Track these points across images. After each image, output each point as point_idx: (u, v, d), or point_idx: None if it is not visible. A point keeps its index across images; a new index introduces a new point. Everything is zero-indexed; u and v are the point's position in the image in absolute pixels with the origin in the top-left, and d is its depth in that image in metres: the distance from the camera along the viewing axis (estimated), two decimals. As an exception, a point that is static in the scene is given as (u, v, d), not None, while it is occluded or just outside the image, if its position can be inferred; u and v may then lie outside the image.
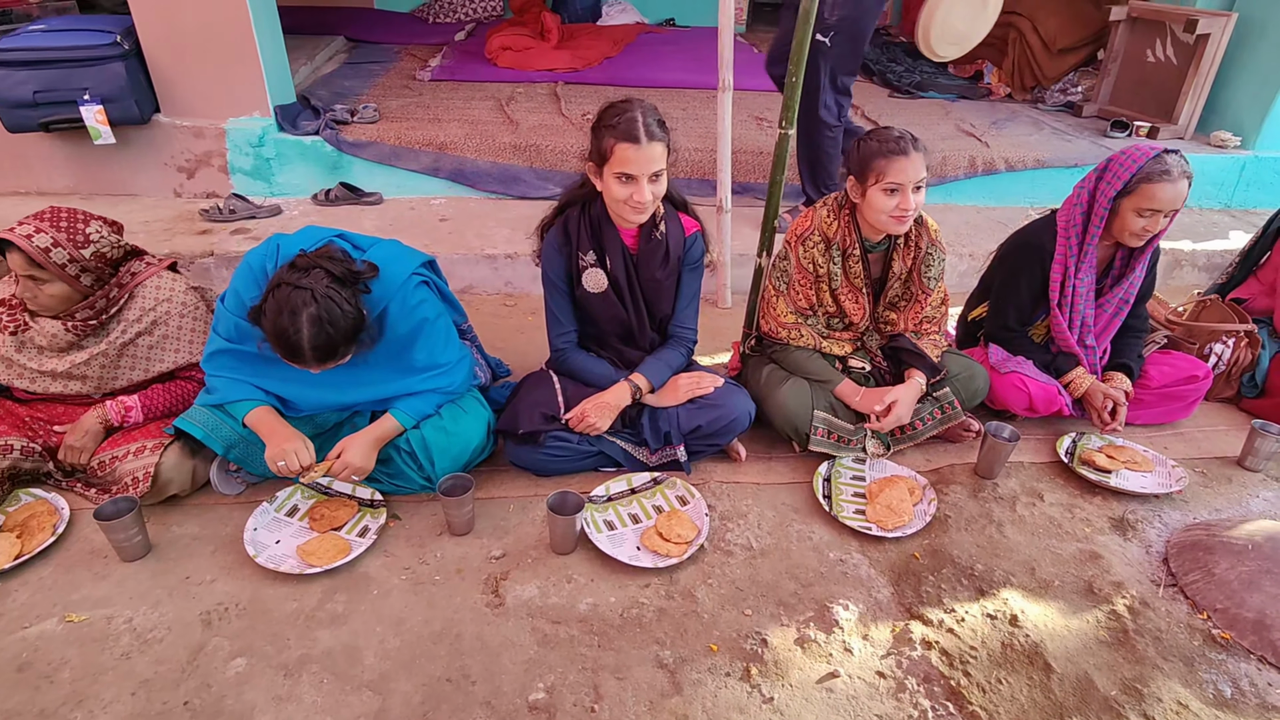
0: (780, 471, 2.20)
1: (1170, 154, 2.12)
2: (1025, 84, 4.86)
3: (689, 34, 6.20)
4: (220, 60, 3.28)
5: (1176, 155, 2.13)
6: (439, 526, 1.96)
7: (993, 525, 2.02)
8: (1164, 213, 2.12)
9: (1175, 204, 2.10)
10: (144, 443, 1.96)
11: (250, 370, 1.91)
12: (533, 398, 2.10)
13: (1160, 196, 2.09)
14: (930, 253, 2.18)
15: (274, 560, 1.80)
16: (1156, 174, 2.10)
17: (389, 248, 1.97)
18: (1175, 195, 2.09)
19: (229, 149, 3.42)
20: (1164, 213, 2.12)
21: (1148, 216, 2.13)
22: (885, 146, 1.97)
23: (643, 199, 1.86)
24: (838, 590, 1.80)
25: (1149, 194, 2.10)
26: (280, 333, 1.65)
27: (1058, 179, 3.96)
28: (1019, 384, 2.27)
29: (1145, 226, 2.14)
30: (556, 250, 2.05)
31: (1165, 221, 2.14)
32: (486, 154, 3.57)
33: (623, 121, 1.83)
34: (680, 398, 2.11)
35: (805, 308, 2.21)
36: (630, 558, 1.84)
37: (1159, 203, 2.10)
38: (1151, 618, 1.75)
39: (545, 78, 4.62)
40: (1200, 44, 3.98)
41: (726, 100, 2.89)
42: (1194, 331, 2.64)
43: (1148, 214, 2.13)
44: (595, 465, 2.14)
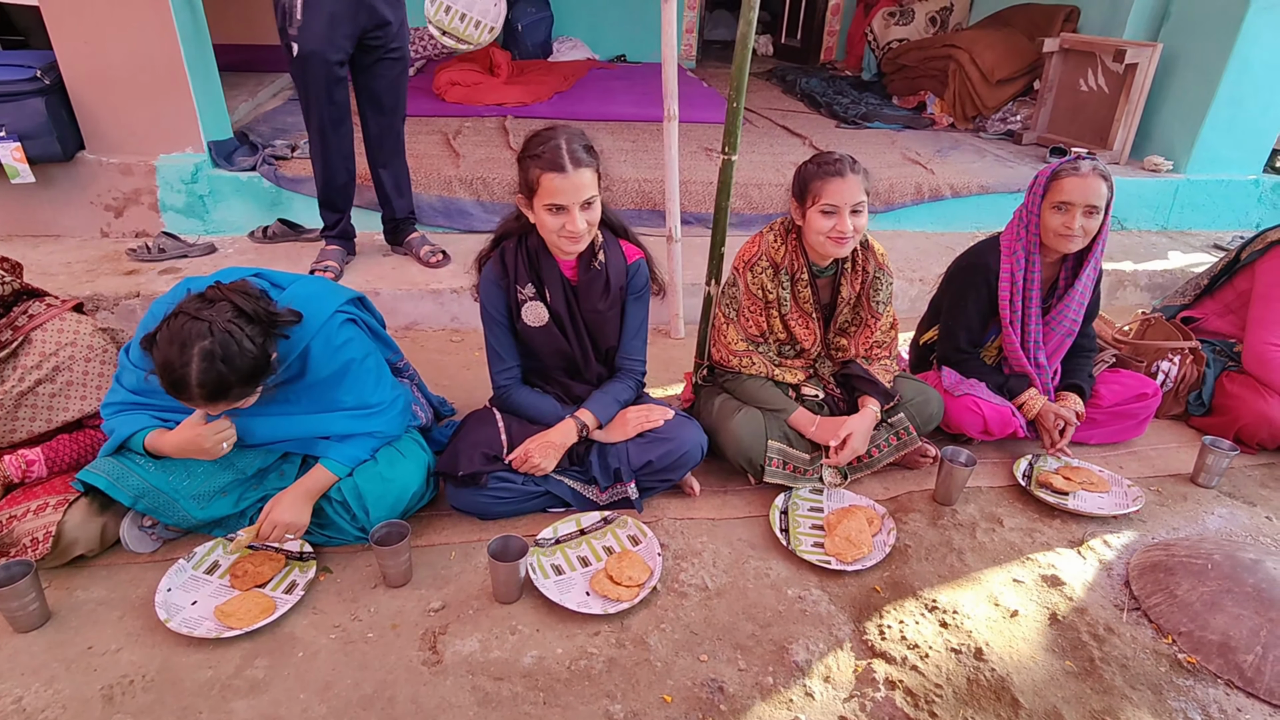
0: (736, 505, 2.12)
1: (1084, 157, 2.18)
2: (967, 114, 4.98)
3: (640, 70, 6.25)
4: (150, 95, 3.16)
5: (1090, 157, 2.19)
6: (374, 578, 1.82)
7: (954, 553, 1.96)
8: (1079, 207, 2.12)
9: (1088, 198, 2.11)
10: (46, 499, 1.79)
11: (156, 413, 1.77)
12: (474, 437, 1.99)
13: (1069, 189, 2.13)
14: (878, 277, 2.15)
15: (189, 624, 1.64)
16: (1065, 170, 2.17)
17: (311, 285, 1.86)
18: (1085, 188, 2.11)
19: (159, 186, 3.27)
20: (1079, 207, 2.12)
21: (1064, 211, 2.15)
22: (822, 169, 1.95)
23: (576, 229, 1.79)
24: (797, 630, 1.71)
25: (1059, 188, 2.15)
26: (166, 364, 1.51)
27: (1001, 204, 4.02)
28: (973, 406, 2.24)
29: (1064, 223, 2.15)
30: (494, 283, 1.97)
31: (1086, 220, 2.13)
32: (432, 188, 3.49)
33: (547, 150, 1.76)
34: (629, 432, 2.02)
35: (756, 335, 2.16)
36: (579, 604, 1.73)
37: (1069, 195, 2.13)
38: (1117, 644, 1.70)
39: (494, 112, 4.58)
40: (1129, 73, 4.12)
41: (672, 130, 2.87)
42: (1140, 350, 2.65)
43: (1063, 208, 2.15)
44: (542, 506, 2.03)
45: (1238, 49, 3.94)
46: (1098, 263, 2.26)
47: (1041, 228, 2.22)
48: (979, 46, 4.82)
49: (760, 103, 5.49)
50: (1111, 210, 2.20)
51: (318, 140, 2.90)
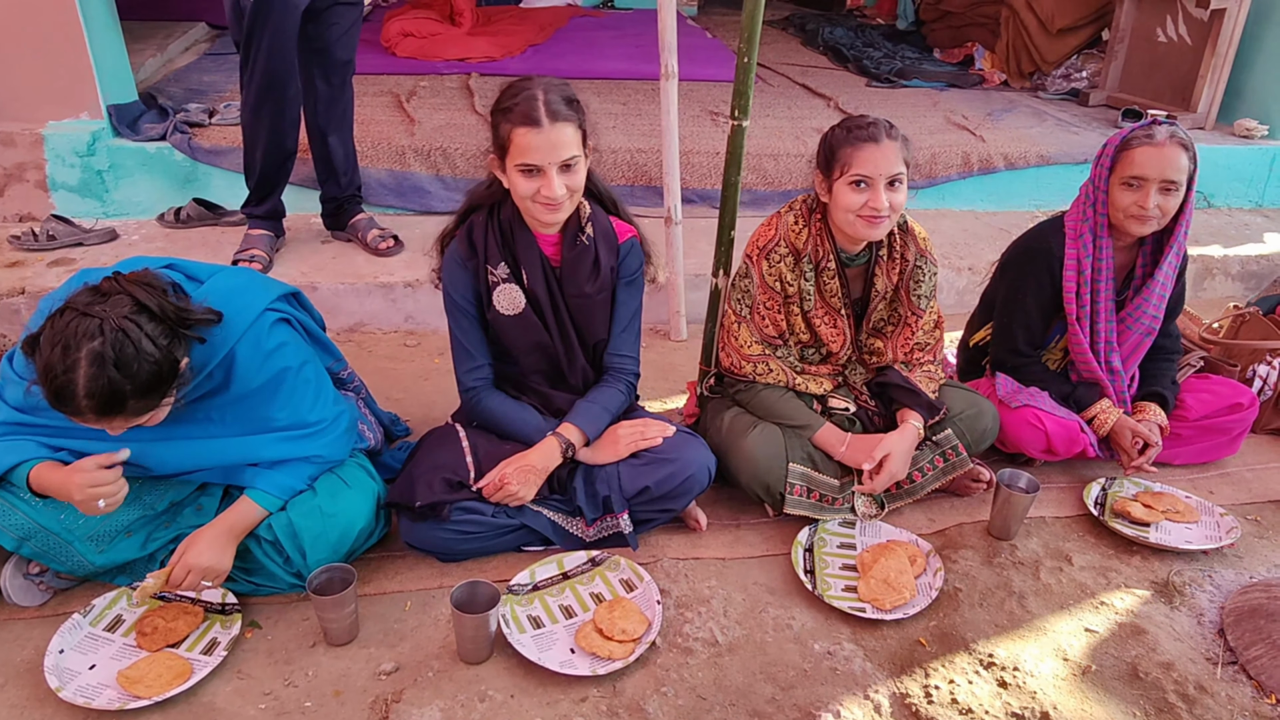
0: (751, 542, 2.12)
1: (1161, 123, 2.20)
2: (1023, 69, 5.03)
3: (631, 17, 6.30)
4: (35, 50, 3.17)
5: (1169, 123, 2.20)
6: (312, 635, 1.82)
7: (1013, 598, 1.97)
8: (1153, 182, 2.14)
9: (1164, 171, 2.13)
10: (-89, 543, 1.78)
11: (47, 437, 1.75)
12: (433, 460, 1.99)
13: (1141, 161, 2.15)
14: (920, 266, 2.16)
15: (85, 694, 1.63)
16: (1138, 138, 2.18)
17: (235, 277, 1.86)
18: (1160, 159, 2.13)
19: (48, 160, 3.27)
20: (1153, 182, 2.14)
21: (1135, 187, 2.17)
22: (853, 135, 1.97)
23: (552, 193, 1.80)
24: (825, 692, 1.71)
25: (1129, 160, 2.18)
26: (48, 370, 1.48)
27: (1065, 177, 4.06)
28: (1034, 420, 2.25)
29: (1136, 201, 2.17)
30: (460, 265, 1.98)
31: (1162, 198, 2.15)
32: (381, 161, 3.50)
33: (520, 102, 1.78)
34: (621, 451, 2.03)
35: (773, 336, 2.16)
36: (562, 664, 1.72)
37: (1140, 168, 2.15)
38: (1210, 705, 1.71)
39: (456, 69, 4.61)
40: (1215, 21, 4.16)
41: (671, 90, 2.89)
42: (1233, 351, 2.68)
43: (1135, 184, 2.17)
44: (517, 544, 2.03)
45: (1345, -9, 3.99)
46: (1181, 247, 2.28)
47: (1110, 206, 2.24)
48: (1036, -11, 4.87)
49: (776, 57, 5.53)
50: (1195, 185, 2.21)
51: (264, 101, 2.87)
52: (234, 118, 3.55)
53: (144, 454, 1.78)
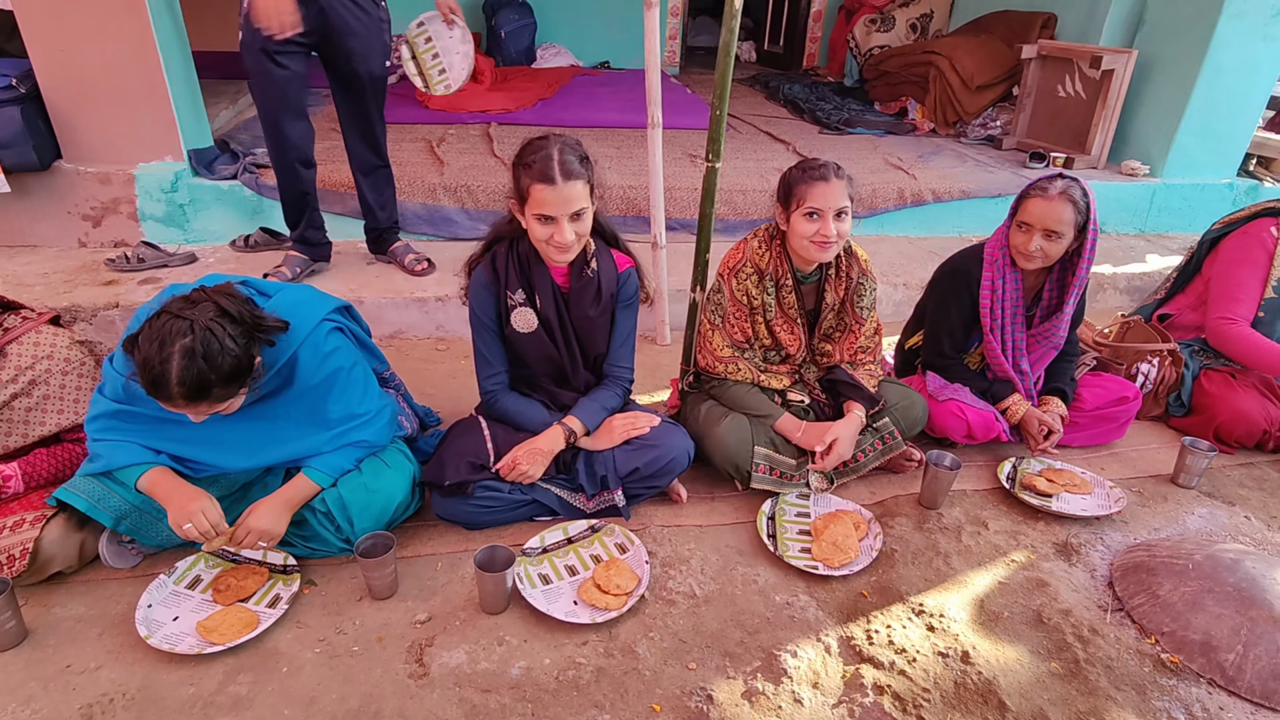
0: (723, 512, 2.12)
1: (1064, 178, 2.16)
2: (948, 119, 5.03)
3: (623, 76, 6.27)
4: (128, 104, 3.12)
5: (1069, 180, 2.15)
6: (359, 591, 1.80)
7: (939, 557, 1.97)
8: (1037, 229, 2.13)
9: (1046, 221, 2.11)
10: (23, 515, 1.76)
11: (143, 432, 1.74)
12: (460, 446, 1.98)
13: (1032, 210, 2.14)
14: (862, 282, 2.16)
15: (170, 640, 1.62)
16: (1035, 189, 2.17)
17: (297, 293, 1.85)
18: (1046, 211, 2.11)
19: (138, 195, 3.23)
20: (1037, 229, 2.13)
21: (1024, 230, 2.17)
22: (807, 174, 1.97)
23: (564, 239, 1.79)
24: (785, 636, 1.71)
25: (1025, 207, 2.18)
26: (146, 362, 1.49)
27: (982, 209, 4.06)
28: (957, 411, 2.26)
29: (1022, 242, 2.17)
30: (484, 288, 1.96)
31: (1045, 243, 2.12)
32: (416, 195, 3.47)
33: (538, 160, 1.76)
34: (616, 439, 2.02)
35: (741, 341, 2.16)
36: (566, 614, 1.72)
37: (1031, 216, 2.14)
38: (1101, 645, 1.71)
39: (478, 119, 4.57)
40: (1105, 79, 4.18)
41: (656, 136, 2.88)
42: (1120, 352, 2.68)
43: (1023, 227, 2.17)
44: (529, 515, 2.02)
45: (1210, 55, 4.01)
46: (1083, 283, 2.26)
47: (1009, 242, 2.24)
48: (959, 53, 4.87)
49: (744, 109, 5.51)
50: (1095, 230, 2.16)
51: (270, 143, 2.82)
52: (293, 160, 3.52)
53: (224, 441, 1.77)
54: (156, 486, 1.71)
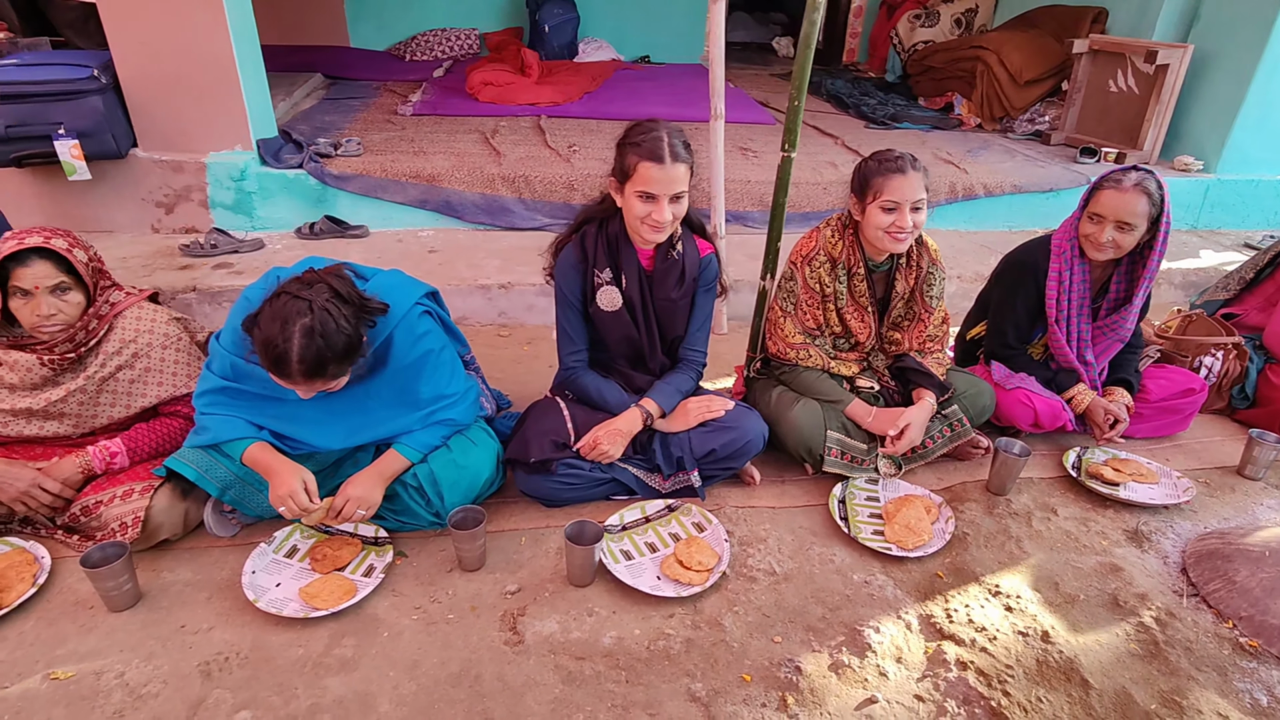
0: (794, 494, 2.16)
1: (1138, 170, 2.17)
2: (994, 114, 5.02)
3: (664, 70, 6.31)
4: (201, 94, 3.23)
5: (1143, 173, 2.16)
6: (448, 563, 1.88)
7: (1011, 541, 2.00)
8: (1110, 220, 2.14)
9: (1119, 213, 2.12)
10: (131, 485, 1.85)
11: (247, 408, 1.83)
12: (542, 425, 2.04)
13: (1105, 202, 2.15)
14: (931, 272, 2.20)
15: (275, 604, 1.70)
16: (1108, 181, 2.17)
17: (392, 277, 1.92)
18: (1119, 203, 2.12)
19: (210, 183, 3.34)
20: (1110, 220, 2.14)
21: (1095, 222, 2.18)
22: (884, 166, 2.00)
23: (661, 218, 1.84)
24: (865, 613, 1.76)
25: (1097, 200, 2.18)
26: (269, 341, 1.56)
27: (1032, 203, 4.06)
28: (1024, 400, 2.28)
29: (1093, 233, 2.18)
30: (572, 267, 2.02)
31: (1118, 234, 2.14)
32: (474, 186, 3.54)
33: (648, 140, 1.82)
34: (690, 422, 2.07)
35: (813, 328, 2.20)
36: (651, 587, 1.78)
37: (1104, 208, 2.15)
38: (1179, 628, 1.74)
39: (528, 112, 4.64)
40: (1160, 74, 4.15)
41: (719, 128, 2.92)
42: (1183, 345, 2.69)
43: (1095, 219, 2.18)
44: (607, 494, 2.08)
45: (1269, 50, 3.97)
46: (1154, 275, 2.26)
47: (1079, 233, 2.26)
48: (1007, 48, 4.86)
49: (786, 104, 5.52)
50: (1168, 223, 2.17)
51: None
52: (355, 150, 3.61)
53: (322, 419, 1.85)
54: (259, 461, 1.79)
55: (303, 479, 1.76)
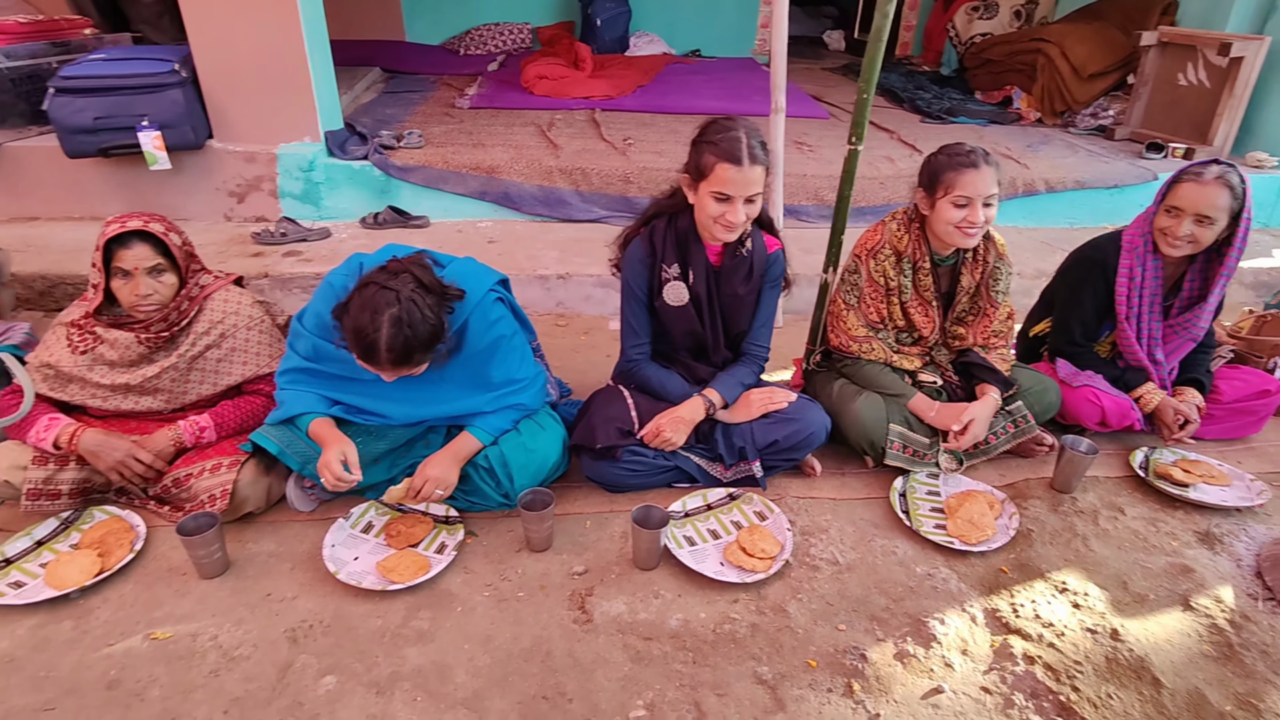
0: (854, 487, 2.17)
1: (1219, 164, 2.12)
2: (1055, 108, 4.91)
3: (715, 64, 6.30)
4: (274, 87, 3.34)
5: (1224, 165, 2.12)
6: (517, 543, 1.93)
7: (1078, 539, 1.99)
8: (1188, 214, 2.09)
9: (1198, 206, 2.08)
10: (219, 460, 1.95)
11: (325, 386, 1.91)
12: (606, 413, 2.08)
13: (1184, 195, 2.11)
14: (998, 267, 2.18)
15: (354, 577, 1.78)
16: (1188, 174, 2.13)
17: (466, 265, 1.97)
18: (1199, 196, 2.08)
19: (279, 174, 3.46)
20: (1188, 214, 2.09)
21: (1173, 216, 2.13)
22: (955, 160, 1.99)
23: (735, 220, 1.85)
24: (930, 605, 1.76)
25: (1176, 192, 2.14)
26: (359, 330, 1.63)
27: (1096, 199, 3.98)
28: (1092, 398, 2.25)
29: (1170, 227, 2.14)
30: (640, 261, 2.04)
31: (1197, 229, 2.09)
32: (533, 178, 3.61)
33: (726, 140, 1.81)
34: (753, 413, 2.09)
35: (876, 321, 2.21)
36: (715, 573, 1.81)
37: (1183, 201, 2.11)
38: (1255, 631, 1.71)
39: (582, 105, 4.69)
40: (1234, 66, 4.02)
41: (779, 122, 2.92)
42: (1257, 346, 2.62)
43: (1173, 213, 2.13)
44: (669, 481, 2.12)
45: (1352, 41, 3.82)
46: (1232, 272, 2.20)
47: (1154, 227, 2.21)
48: (1070, 40, 4.75)
49: (840, 98, 5.49)
50: (1248, 219, 2.12)
51: None
52: (416, 142, 3.70)
53: (397, 396, 1.92)
54: (318, 434, 1.87)
55: (343, 451, 1.81)
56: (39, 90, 3.36)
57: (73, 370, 1.95)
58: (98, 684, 1.53)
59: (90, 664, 1.57)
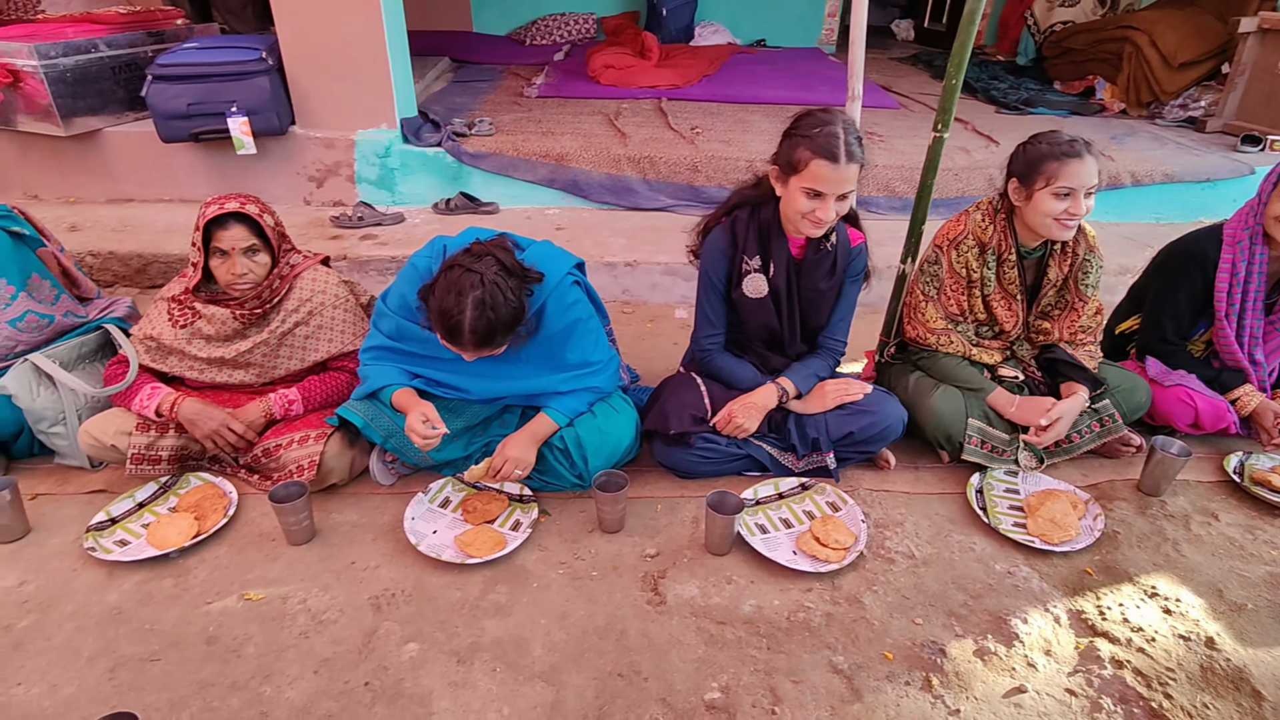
0: (929, 481, 2.14)
1: None
2: (1141, 99, 4.71)
3: (781, 54, 6.23)
4: (354, 75, 3.44)
5: None
6: (589, 524, 1.96)
7: (1168, 544, 1.91)
8: None
9: None
10: (307, 432, 2.02)
11: (407, 363, 1.97)
12: (680, 399, 2.08)
13: None
14: (1088, 259, 2.11)
15: (434, 549, 1.83)
16: None
17: (546, 248, 2.00)
18: None
19: (357, 159, 3.56)
20: None
21: None
22: (1058, 149, 1.92)
23: (826, 217, 1.81)
24: (1010, 603, 1.72)
25: None
26: (445, 311, 1.68)
27: (1185, 194, 3.80)
28: (1185, 398, 2.16)
29: None
30: (721, 251, 2.03)
31: None
32: (601, 165, 3.63)
33: (822, 135, 1.76)
34: (827, 404, 2.07)
35: (956, 313, 2.16)
36: (789, 561, 1.80)
37: None
38: (1364, 648, 1.63)
39: (648, 94, 4.69)
40: (1342, 54, 3.79)
41: (855, 110, 2.86)
42: (1365, 350, 2.47)
43: None
44: (740, 469, 2.12)
45: None
46: None
47: (1266, 216, 2.11)
48: (1161, 27, 4.54)
49: (910, 88, 5.37)
50: None
51: None
52: (487, 130, 3.76)
53: (472, 386, 1.97)
54: (400, 403, 1.93)
55: (423, 412, 1.86)
56: (136, 78, 3.53)
57: (173, 343, 2.05)
58: (198, 639, 1.61)
59: (190, 619, 1.65)
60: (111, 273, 3.21)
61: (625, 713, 1.47)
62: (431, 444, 1.85)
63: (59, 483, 2.06)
